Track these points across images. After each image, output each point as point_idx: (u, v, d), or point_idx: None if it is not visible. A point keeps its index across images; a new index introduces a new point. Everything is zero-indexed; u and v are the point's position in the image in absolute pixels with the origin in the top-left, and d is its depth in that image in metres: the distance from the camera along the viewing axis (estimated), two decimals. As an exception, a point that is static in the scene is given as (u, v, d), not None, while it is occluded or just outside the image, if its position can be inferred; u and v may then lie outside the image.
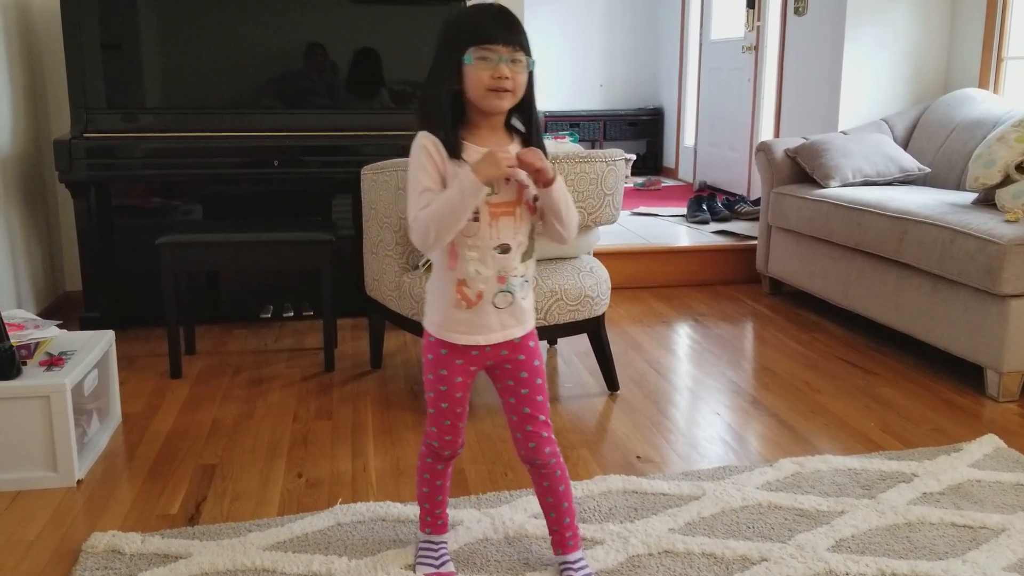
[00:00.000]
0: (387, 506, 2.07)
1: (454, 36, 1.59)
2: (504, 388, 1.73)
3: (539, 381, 1.72)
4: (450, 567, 1.83)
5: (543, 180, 1.60)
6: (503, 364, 1.71)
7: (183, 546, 1.90)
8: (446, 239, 1.60)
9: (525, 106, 1.64)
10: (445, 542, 1.86)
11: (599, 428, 2.62)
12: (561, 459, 1.76)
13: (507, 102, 1.59)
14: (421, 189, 1.61)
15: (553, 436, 1.75)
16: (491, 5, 1.61)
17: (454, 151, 1.60)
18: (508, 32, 1.56)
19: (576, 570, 1.78)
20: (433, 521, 1.85)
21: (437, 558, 1.83)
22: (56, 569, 1.86)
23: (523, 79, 1.59)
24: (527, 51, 1.59)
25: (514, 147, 1.65)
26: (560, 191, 1.63)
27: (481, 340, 1.66)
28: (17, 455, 2.20)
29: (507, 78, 1.55)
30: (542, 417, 1.72)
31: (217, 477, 2.28)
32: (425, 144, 1.61)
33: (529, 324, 1.72)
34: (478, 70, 1.55)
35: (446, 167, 1.60)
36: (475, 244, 1.62)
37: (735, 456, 2.42)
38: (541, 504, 1.80)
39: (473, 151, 1.60)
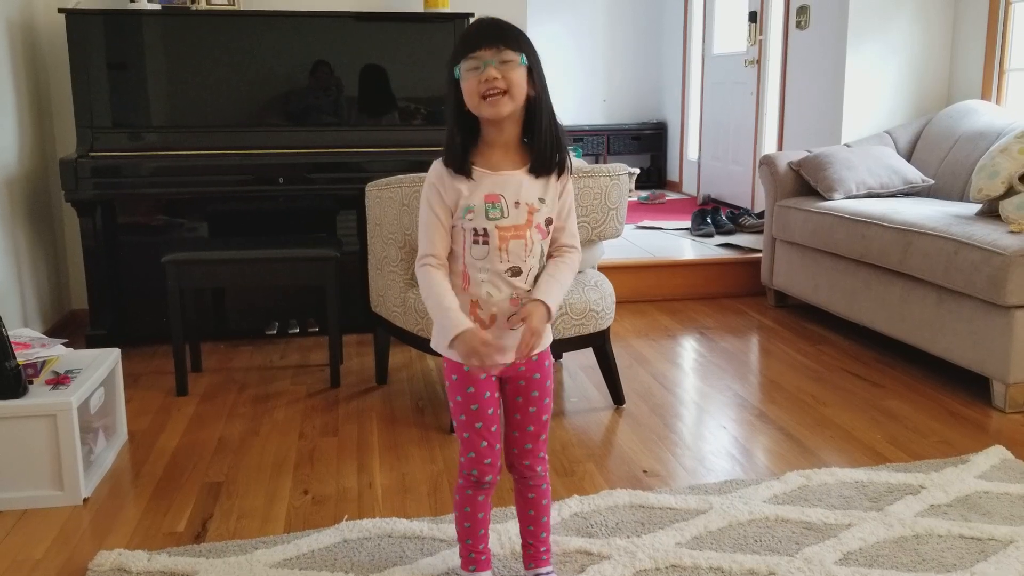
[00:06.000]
0: (393, 522, 2.07)
1: (450, 59, 1.59)
2: (512, 402, 1.73)
3: (547, 401, 1.74)
4: None
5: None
6: (517, 379, 1.70)
7: (189, 564, 1.90)
8: None
9: (533, 117, 1.60)
10: None
11: (605, 442, 2.62)
12: (548, 477, 1.79)
13: (504, 107, 1.54)
14: (426, 226, 1.64)
15: (546, 455, 1.78)
16: (480, 19, 1.60)
17: (464, 170, 1.59)
18: (491, 35, 1.54)
19: None
20: (476, 558, 1.79)
21: None
22: (63, 588, 1.86)
23: (517, 77, 1.54)
24: (516, 48, 1.55)
25: (520, 174, 1.61)
26: (555, 314, 1.65)
27: (499, 360, 1.64)
28: (23, 474, 2.20)
29: (496, 78, 1.52)
30: (543, 436, 1.75)
31: (223, 494, 2.28)
32: (431, 179, 1.63)
33: (546, 342, 1.70)
34: (469, 80, 1.54)
35: (457, 194, 1.60)
36: (484, 267, 1.61)
37: (742, 470, 2.42)
38: (520, 516, 1.81)
39: (481, 175, 1.60)
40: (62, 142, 3.80)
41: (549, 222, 1.64)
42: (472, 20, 1.69)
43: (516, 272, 1.62)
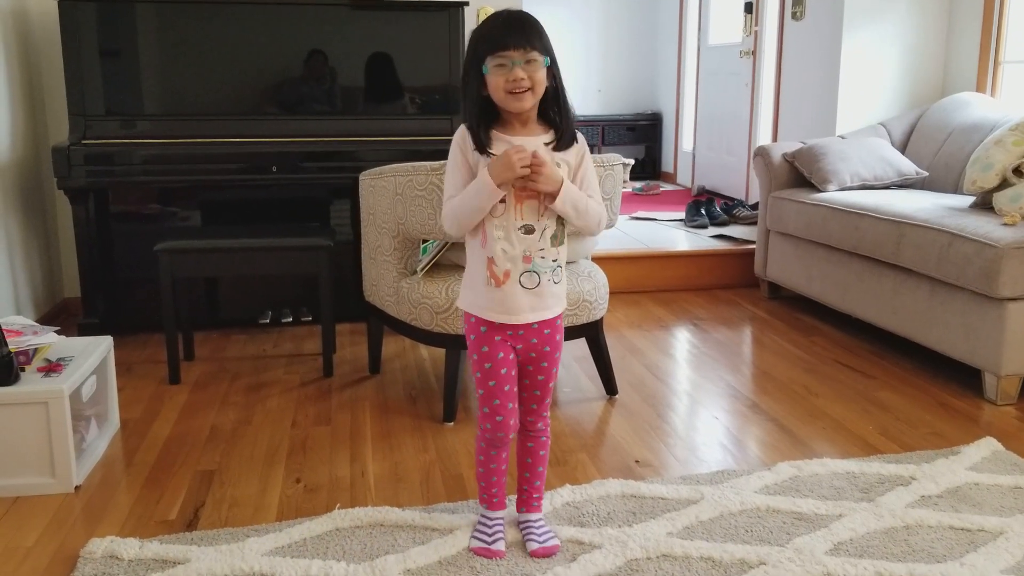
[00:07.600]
0: (385, 511, 2.07)
1: (475, 47, 1.73)
2: (523, 370, 1.88)
3: (554, 371, 1.91)
4: (501, 545, 1.90)
5: (545, 193, 1.74)
6: (528, 351, 1.85)
7: (181, 552, 1.90)
8: (468, 229, 1.78)
9: (552, 99, 1.75)
10: (501, 519, 1.95)
11: (598, 432, 2.62)
12: (548, 432, 1.95)
13: (527, 102, 1.71)
14: (451, 181, 1.79)
15: (548, 414, 1.95)
16: (505, 12, 1.74)
17: (481, 147, 1.74)
18: (519, 36, 1.68)
19: (537, 528, 1.94)
20: (488, 498, 1.96)
21: (490, 534, 1.92)
22: (54, 575, 1.86)
23: (541, 76, 1.70)
24: (542, 50, 1.69)
25: (547, 137, 1.77)
26: (563, 201, 1.74)
27: (513, 320, 1.80)
28: (15, 461, 2.20)
29: (522, 79, 1.68)
30: (547, 400, 1.93)
31: (215, 483, 2.28)
32: (457, 139, 1.79)
33: (558, 308, 1.85)
34: (495, 76, 1.69)
35: (477, 157, 1.75)
36: (500, 224, 1.76)
37: (733, 460, 2.42)
38: (519, 463, 1.97)
39: (503, 143, 1.73)
40: (55, 130, 3.78)
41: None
42: (487, 12, 1.77)
43: (529, 230, 1.77)
